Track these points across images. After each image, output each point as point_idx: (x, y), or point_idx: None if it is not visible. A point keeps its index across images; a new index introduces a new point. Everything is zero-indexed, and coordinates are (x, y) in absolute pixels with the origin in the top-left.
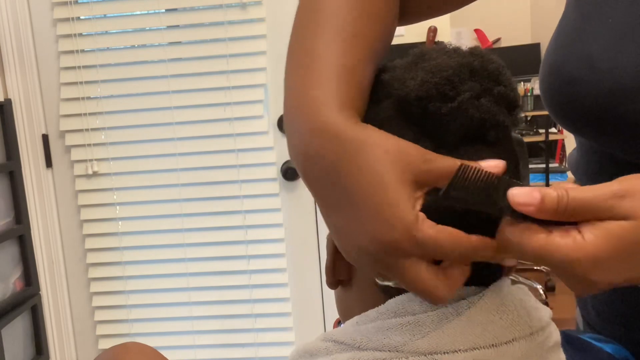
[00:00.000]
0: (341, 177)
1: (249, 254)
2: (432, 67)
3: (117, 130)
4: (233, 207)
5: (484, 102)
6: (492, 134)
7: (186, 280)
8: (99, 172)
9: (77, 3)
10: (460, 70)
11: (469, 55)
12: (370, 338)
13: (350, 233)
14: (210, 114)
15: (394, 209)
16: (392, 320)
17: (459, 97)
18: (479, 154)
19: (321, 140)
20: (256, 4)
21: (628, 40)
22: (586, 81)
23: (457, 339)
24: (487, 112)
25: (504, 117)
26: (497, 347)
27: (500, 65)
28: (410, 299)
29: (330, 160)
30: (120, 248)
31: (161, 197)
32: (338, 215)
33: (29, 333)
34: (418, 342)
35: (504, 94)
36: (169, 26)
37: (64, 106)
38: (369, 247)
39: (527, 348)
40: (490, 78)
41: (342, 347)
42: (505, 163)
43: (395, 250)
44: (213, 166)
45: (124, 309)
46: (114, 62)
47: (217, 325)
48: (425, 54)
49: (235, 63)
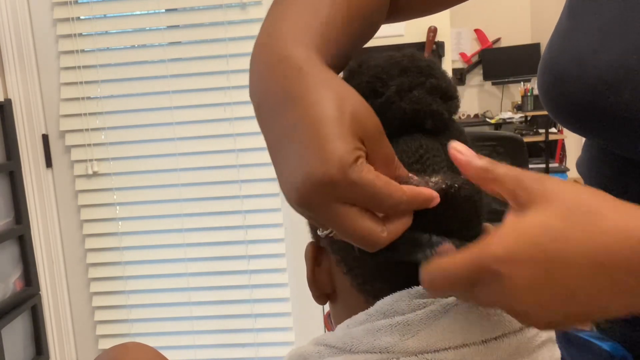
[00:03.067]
0: (293, 108)
1: (249, 254)
2: (365, 69)
3: (117, 130)
4: (233, 207)
5: (415, 93)
6: (429, 123)
7: (186, 280)
8: (99, 172)
9: (77, 3)
10: (389, 69)
11: (400, 55)
12: (361, 340)
13: (288, 169)
14: (210, 114)
15: (333, 144)
16: (381, 321)
17: (387, 92)
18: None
19: (282, 70)
20: (256, 4)
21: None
22: (574, 77)
23: (447, 337)
24: (419, 102)
25: (438, 106)
26: (486, 343)
27: (431, 62)
28: (398, 299)
29: (285, 91)
30: (120, 248)
31: (161, 197)
32: (281, 152)
33: (29, 333)
34: (408, 342)
35: (436, 85)
36: (169, 26)
37: (64, 106)
38: (303, 183)
39: (517, 343)
40: (422, 73)
41: (333, 351)
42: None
43: (327, 187)
44: (213, 166)
45: (124, 309)
46: (114, 62)
47: (217, 325)
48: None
49: (235, 63)
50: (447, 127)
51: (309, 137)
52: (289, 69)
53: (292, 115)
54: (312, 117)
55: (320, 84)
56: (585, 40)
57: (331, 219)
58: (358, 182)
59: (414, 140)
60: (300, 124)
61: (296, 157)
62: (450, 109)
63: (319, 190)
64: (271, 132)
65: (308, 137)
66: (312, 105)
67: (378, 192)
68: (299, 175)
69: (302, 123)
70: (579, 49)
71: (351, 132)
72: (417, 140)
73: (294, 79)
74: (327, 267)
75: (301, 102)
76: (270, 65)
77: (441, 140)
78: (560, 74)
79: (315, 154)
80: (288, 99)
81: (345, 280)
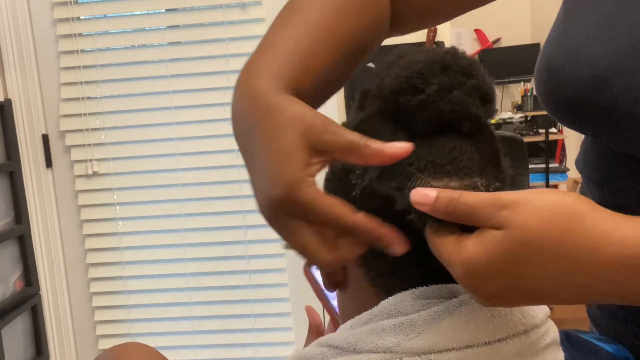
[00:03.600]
0: (253, 136)
1: (249, 254)
2: (406, 63)
3: (117, 130)
4: (233, 207)
5: (455, 94)
6: (466, 125)
7: (186, 280)
8: (99, 172)
9: (77, 3)
10: (431, 65)
11: (443, 52)
12: (365, 340)
13: (255, 189)
14: (210, 114)
15: (283, 166)
16: (385, 321)
17: (428, 90)
18: (453, 143)
19: (246, 102)
20: (256, 4)
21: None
22: (568, 72)
23: (451, 338)
24: (458, 104)
25: (476, 109)
26: (490, 345)
27: (474, 62)
28: (402, 300)
29: (247, 120)
30: (120, 248)
31: (161, 197)
32: (249, 172)
33: (29, 333)
34: (412, 342)
35: (477, 86)
36: (169, 26)
37: (64, 106)
38: (262, 202)
39: (520, 346)
40: (463, 73)
41: (337, 352)
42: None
43: (278, 205)
44: (213, 166)
45: (124, 309)
46: (114, 62)
47: (217, 325)
48: (403, 52)
49: (235, 63)
50: (483, 129)
51: (265, 160)
52: (250, 99)
53: (252, 140)
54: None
55: (273, 110)
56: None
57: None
58: (302, 201)
59: (449, 141)
60: (258, 149)
61: (259, 178)
62: (488, 112)
63: (272, 208)
64: (243, 155)
65: (264, 160)
66: (265, 131)
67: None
68: (261, 195)
69: (259, 148)
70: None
71: (300, 150)
72: (452, 142)
73: (252, 110)
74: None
75: (257, 129)
76: (240, 96)
77: (475, 143)
78: (555, 70)
79: (269, 175)
80: (249, 126)
81: (358, 272)
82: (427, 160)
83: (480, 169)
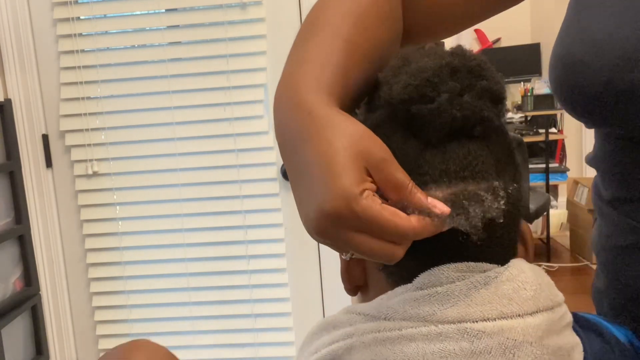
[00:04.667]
0: (305, 148)
1: (249, 254)
2: (414, 70)
3: (117, 130)
4: (233, 207)
5: (466, 98)
6: (478, 129)
7: (186, 280)
8: (99, 172)
9: (77, 3)
10: (440, 71)
11: (449, 55)
12: (397, 310)
13: (304, 203)
14: (210, 114)
15: (340, 180)
16: (420, 292)
17: (439, 98)
18: (467, 148)
19: (296, 114)
20: (256, 4)
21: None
22: (587, 59)
23: (486, 308)
24: (470, 109)
25: (488, 112)
26: (522, 317)
27: (482, 61)
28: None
29: (299, 132)
30: (120, 248)
31: (161, 197)
32: (297, 186)
33: (29, 333)
34: (447, 311)
35: (487, 87)
36: (169, 26)
37: (64, 106)
38: (315, 216)
39: (549, 321)
40: (473, 74)
41: (367, 318)
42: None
43: (336, 219)
44: (213, 166)
45: (124, 309)
46: (114, 62)
47: (217, 325)
48: (409, 57)
49: (235, 63)
50: (496, 131)
51: (319, 174)
52: (301, 113)
53: (304, 154)
54: (321, 156)
55: (327, 125)
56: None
57: (346, 244)
58: (362, 214)
59: (462, 147)
60: (311, 162)
61: (309, 192)
62: (500, 113)
63: (329, 221)
64: (290, 170)
65: (318, 174)
66: (320, 145)
67: (383, 223)
68: (312, 208)
69: (312, 161)
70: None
71: (356, 166)
72: (465, 147)
73: (305, 122)
74: (362, 261)
75: (311, 143)
76: (287, 111)
77: (489, 145)
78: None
79: (324, 189)
80: (301, 140)
81: (380, 275)
82: (440, 168)
83: (497, 171)
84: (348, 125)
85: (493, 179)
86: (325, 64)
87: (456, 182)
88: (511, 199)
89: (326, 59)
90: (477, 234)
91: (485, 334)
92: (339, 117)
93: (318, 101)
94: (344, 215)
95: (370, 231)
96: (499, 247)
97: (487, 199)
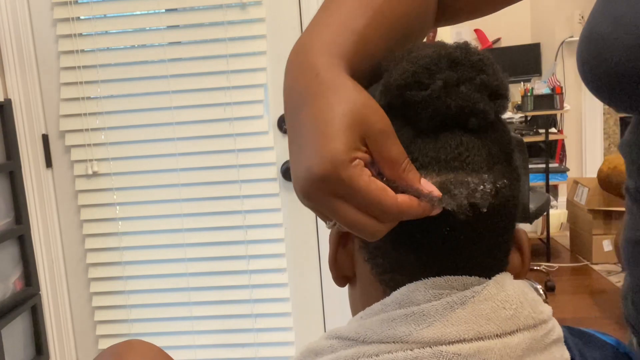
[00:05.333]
0: (306, 109)
1: (249, 254)
2: (413, 58)
3: (117, 130)
4: (233, 207)
5: (463, 89)
6: (473, 121)
7: (186, 280)
8: (99, 172)
9: (77, 3)
10: (439, 60)
11: (453, 47)
12: (375, 330)
13: (296, 164)
14: (210, 114)
15: (331, 143)
16: (397, 311)
17: (433, 85)
18: (459, 139)
19: (304, 75)
20: (256, 4)
21: None
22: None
23: (462, 329)
24: (465, 99)
25: (485, 105)
26: (501, 337)
27: (485, 57)
28: (414, 290)
29: (303, 94)
30: (120, 248)
31: (161, 197)
32: (293, 146)
33: (29, 333)
34: (423, 332)
35: (486, 82)
36: (169, 26)
37: (64, 106)
38: (303, 176)
39: (530, 339)
40: (473, 67)
41: (346, 344)
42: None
43: (322, 182)
44: (213, 166)
45: (124, 309)
46: (114, 62)
47: (217, 325)
48: (413, 47)
49: (235, 63)
50: (492, 125)
51: (313, 136)
52: (309, 74)
53: (304, 115)
54: (318, 118)
55: (332, 88)
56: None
57: (329, 211)
58: (347, 181)
59: (455, 137)
60: (308, 124)
61: (303, 152)
62: (498, 108)
63: (315, 184)
64: (290, 128)
65: (312, 136)
66: (320, 107)
67: (367, 195)
68: (302, 168)
69: (310, 123)
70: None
71: (352, 134)
72: (458, 137)
73: (311, 84)
74: (351, 251)
75: (312, 104)
76: (296, 71)
77: (484, 139)
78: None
79: (315, 151)
80: (304, 100)
81: (365, 267)
82: (431, 156)
83: (489, 165)
84: (352, 92)
85: (483, 173)
86: (344, 29)
87: (445, 172)
88: (501, 196)
89: (346, 24)
90: (464, 213)
91: (461, 356)
92: (345, 82)
93: (328, 64)
94: (330, 179)
95: (355, 202)
96: (486, 254)
97: (474, 183)
